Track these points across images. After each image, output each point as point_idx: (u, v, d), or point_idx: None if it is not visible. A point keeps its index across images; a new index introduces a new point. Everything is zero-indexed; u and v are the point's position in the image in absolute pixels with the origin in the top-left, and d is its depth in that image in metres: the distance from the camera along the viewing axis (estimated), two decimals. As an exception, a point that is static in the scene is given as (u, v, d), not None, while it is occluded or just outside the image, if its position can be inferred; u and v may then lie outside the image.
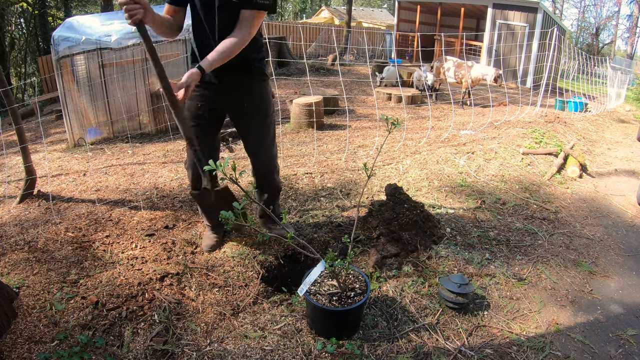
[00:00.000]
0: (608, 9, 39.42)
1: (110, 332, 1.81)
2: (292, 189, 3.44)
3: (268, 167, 2.39)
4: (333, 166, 4.00)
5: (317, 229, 2.73)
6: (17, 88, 14.70)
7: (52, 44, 5.42)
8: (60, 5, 18.72)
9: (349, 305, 1.73)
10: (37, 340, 1.75)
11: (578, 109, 8.11)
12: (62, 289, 2.08)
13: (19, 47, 19.20)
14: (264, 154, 2.32)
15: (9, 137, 6.43)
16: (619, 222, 3.21)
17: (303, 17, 39.76)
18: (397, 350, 1.75)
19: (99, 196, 3.38)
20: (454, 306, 1.98)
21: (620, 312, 2.12)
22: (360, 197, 2.57)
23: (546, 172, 4.08)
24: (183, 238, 2.56)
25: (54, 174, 4.19)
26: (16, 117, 3.16)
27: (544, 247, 2.66)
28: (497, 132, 5.34)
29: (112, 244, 2.54)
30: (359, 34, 16.58)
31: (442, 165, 3.95)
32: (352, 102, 7.83)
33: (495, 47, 12.09)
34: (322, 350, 1.72)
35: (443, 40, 8.54)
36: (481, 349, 1.78)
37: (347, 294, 1.81)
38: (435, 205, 3.10)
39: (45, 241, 2.60)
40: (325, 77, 10.34)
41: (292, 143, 4.96)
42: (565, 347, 1.84)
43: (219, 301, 2.05)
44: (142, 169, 4.12)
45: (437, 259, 2.40)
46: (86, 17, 6.33)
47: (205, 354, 1.71)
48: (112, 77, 5.61)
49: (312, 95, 6.16)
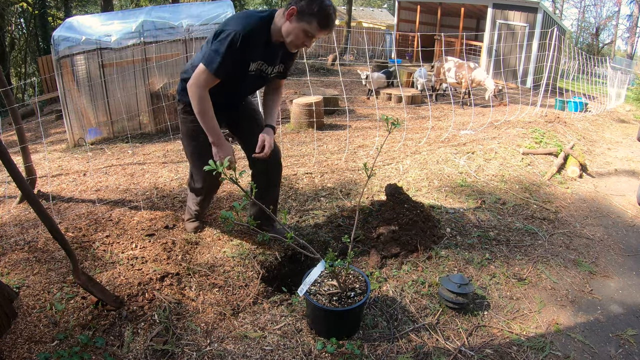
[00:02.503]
0: (608, 9, 39.45)
1: (110, 332, 1.81)
2: (292, 189, 3.44)
3: (276, 182, 2.53)
4: (333, 166, 4.00)
5: (317, 229, 2.73)
6: (17, 88, 14.69)
7: (52, 44, 5.42)
8: (60, 5, 18.71)
9: (349, 305, 1.73)
10: (37, 340, 1.74)
11: (578, 109, 8.12)
12: (62, 289, 2.08)
13: (19, 47, 19.19)
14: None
15: (9, 137, 6.43)
16: (619, 222, 3.21)
17: (303, 17, 39.68)
18: (397, 350, 1.75)
19: (99, 196, 3.38)
20: (454, 306, 1.98)
21: (620, 312, 2.12)
22: (360, 197, 2.57)
23: (546, 172, 4.08)
24: (183, 238, 2.56)
25: (54, 174, 4.19)
26: (16, 117, 3.16)
27: (544, 247, 2.66)
28: (497, 132, 5.34)
29: (112, 244, 2.54)
30: (359, 34, 16.58)
31: (442, 165, 3.95)
32: (352, 102, 7.83)
33: (495, 47, 12.08)
34: (322, 350, 1.72)
35: (443, 40, 8.53)
36: (481, 349, 1.78)
37: (347, 294, 1.81)
38: (435, 205, 3.09)
39: (45, 241, 2.60)
40: (325, 77, 10.34)
41: (292, 143, 4.96)
42: (565, 347, 1.84)
43: (219, 301, 2.05)
44: (142, 169, 4.12)
45: (437, 259, 2.40)
46: (86, 17, 6.33)
47: (205, 354, 1.71)
48: (112, 77, 5.61)
49: (312, 95, 6.16)
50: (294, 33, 1.97)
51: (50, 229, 1.70)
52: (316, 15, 1.91)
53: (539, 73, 11.03)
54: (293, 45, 2.04)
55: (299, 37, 1.98)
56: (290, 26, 1.98)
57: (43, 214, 1.66)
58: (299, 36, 1.98)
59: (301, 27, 1.95)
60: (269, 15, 2.06)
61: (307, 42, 2.01)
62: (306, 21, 1.93)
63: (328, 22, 1.95)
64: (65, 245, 1.76)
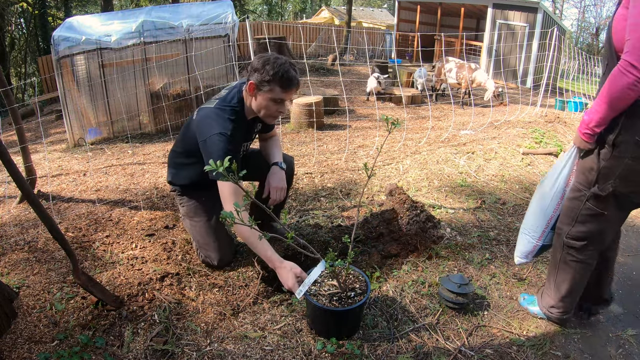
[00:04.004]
0: (608, 9, 39.40)
1: (110, 332, 1.81)
2: (292, 189, 3.44)
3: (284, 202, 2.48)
4: (333, 166, 4.00)
5: (317, 229, 2.73)
6: (17, 88, 14.70)
7: (52, 44, 5.43)
8: (60, 5, 18.72)
9: (349, 306, 1.73)
10: (37, 340, 1.74)
11: (578, 109, 8.11)
12: (62, 289, 2.08)
13: (19, 47, 19.20)
14: None
15: (9, 137, 6.44)
16: (619, 222, 3.21)
17: (303, 17, 39.77)
18: (397, 350, 1.75)
19: (99, 196, 3.38)
20: (454, 306, 1.98)
21: (620, 312, 2.11)
22: (360, 197, 2.57)
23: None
24: (183, 238, 2.56)
25: (54, 174, 4.19)
26: (16, 117, 3.16)
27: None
28: (497, 132, 5.34)
29: (112, 244, 2.54)
30: (359, 34, 16.58)
31: (442, 165, 3.95)
32: (352, 102, 7.83)
33: (495, 47, 12.09)
34: (322, 350, 1.72)
35: (443, 40, 8.54)
36: (481, 349, 1.78)
37: (348, 294, 1.81)
38: (435, 205, 3.10)
39: (45, 241, 2.60)
40: (325, 77, 10.34)
41: (292, 143, 4.96)
42: (565, 347, 1.84)
43: (219, 301, 2.05)
44: (142, 169, 4.12)
45: (437, 259, 2.40)
46: (86, 17, 6.34)
47: (205, 354, 1.71)
48: (112, 77, 5.61)
49: (312, 95, 6.17)
50: (263, 106, 1.94)
51: (50, 229, 1.70)
52: (274, 81, 1.85)
53: (539, 73, 11.03)
54: (269, 117, 2.01)
55: (270, 108, 1.94)
56: (257, 102, 1.95)
57: (43, 214, 1.66)
58: (269, 107, 1.94)
59: (266, 98, 1.91)
60: (237, 101, 2.03)
61: (280, 108, 1.96)
62: (268, 90, 1.88)
63: (290, 81, 1.87)
64: (65, 245, 1.76)
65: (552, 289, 1.81)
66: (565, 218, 1.69)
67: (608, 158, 1.47)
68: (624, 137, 1.41)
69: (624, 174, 1.46)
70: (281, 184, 2.15)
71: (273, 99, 1.91)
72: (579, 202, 1.61)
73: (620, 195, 1.51)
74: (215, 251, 2.22)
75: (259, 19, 31.55)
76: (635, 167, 1.44)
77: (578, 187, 1.61)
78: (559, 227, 1.72)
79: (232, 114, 1.99)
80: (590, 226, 1.62)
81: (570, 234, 1.67)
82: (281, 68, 1.85)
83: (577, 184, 1.62)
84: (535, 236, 1.86)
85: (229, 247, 2.31)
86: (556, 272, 1.77)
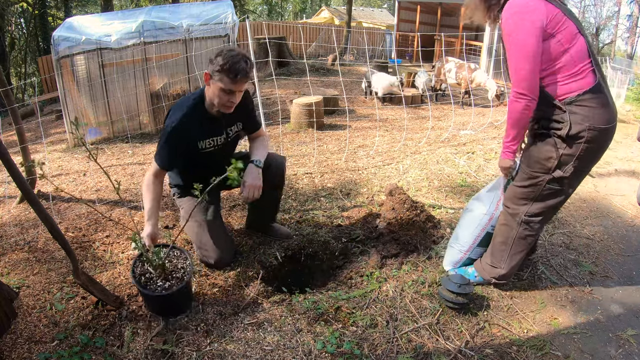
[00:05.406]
0: (608, 9, 39.43)
1: (110, 332, 1.81)
2: (292, 189, 3.44)
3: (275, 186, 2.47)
4: (333, 166, 4.00)
5: (317, 229, 2.73)
6: (17, 88, 14.70)
7: (52, 44, 5.42)
8: (60, 5, 18.73)
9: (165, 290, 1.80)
10: (37, 340, 1.75)
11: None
12: (62, 289, 2.08)
13: (19, 47, 19.20)
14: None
15: (9, 137, 6.44)
16: (619, 222, 3.21)
17: (303, 17, 39.77)
18: (397, 350, 1.75)
19: (99, 196, 3.38)
20: (454, 306, 1.98)
21: (620, 312, 2.11)
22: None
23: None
24: (183, 238, 2.56)
25: (54, 174, 4.19)
26: (16, 117, 3.16)
27: (544, 247, 2.66)
28: (497, 132, 5.34)
29: (112, 244, 2.54)
30: (359, 34, 16.59)
31: (442, 165, 3.96)
32: (352, 102, 7.83)
33: (495, 47, 12.08)
34: (322, 350, 1.72)
35: (443, 40, 8.54)
36: (481, 349, 1.78)
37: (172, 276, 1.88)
38: (435, 205, 3.10)
39: (45, 241, 2.60)
40: (325, 77, 10.34)
41: (292, 143, 4.96)
42: (565, 347, 1.84)
43: (219, 301, 2.05)
44: (142, 169, 4.12)
45: (437, 259, 2.40)
46: (86, 17, 6.34)
47: (205, 354, 1.71)
48: (112, 77, 5.61)
49: (312, 95, 6.16)
50: (216, 95, 1.98)
51: (50, 229, 1.70)
52: (222, 70, 1.90)
53: (539, 73, 10.98)
54: (222, 107, 2.03)
55: (221, 98, 1.98)
56: (210, 91, 2.01)
57: (43, 214, 1.66)
58: (221, 96, 1.97)
59: (217, 87, 1.95)
60: (199, 94, 2.09)
61: (231, 98, 1.98)
62: (218, 79, 1.93)
63: (236, 72, 1.90)
64: (65, 245, 1.76)
65: (505, 261, 2.05)
66: (520, 201, 1.93)
67: (565, 147, 1.73)
68: (575, 128, 1.68)
69: (582, 155, 1.73)
70: (255, 182, 2.12)
71: (222, 89, 1.95)
72: (537, 187, 1.85)
73: (578, 171, 1.78)
74: (214, 251, 2.23)
75: (259, 19, 31.57)
76: (590, 147, 1.71)
77: (533, 174, 1.84)
78: (514, 211, 1.95)
79: (190, 106, 2.06)
80: (549, 202, 1.88)
81: (530, 212, 1.91)
82: (231, 59, 1.90)
83: (532, 172, 1.85)
84: (462, 250, 2.22)
85: (227, 248, 2.31)
86: (510, 247, 2.01)
